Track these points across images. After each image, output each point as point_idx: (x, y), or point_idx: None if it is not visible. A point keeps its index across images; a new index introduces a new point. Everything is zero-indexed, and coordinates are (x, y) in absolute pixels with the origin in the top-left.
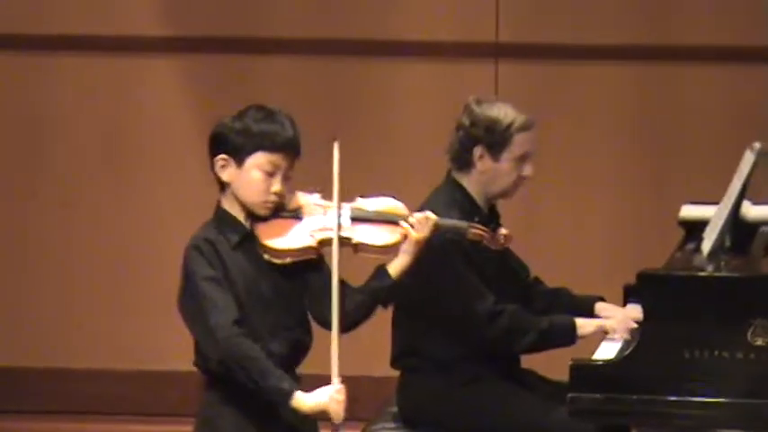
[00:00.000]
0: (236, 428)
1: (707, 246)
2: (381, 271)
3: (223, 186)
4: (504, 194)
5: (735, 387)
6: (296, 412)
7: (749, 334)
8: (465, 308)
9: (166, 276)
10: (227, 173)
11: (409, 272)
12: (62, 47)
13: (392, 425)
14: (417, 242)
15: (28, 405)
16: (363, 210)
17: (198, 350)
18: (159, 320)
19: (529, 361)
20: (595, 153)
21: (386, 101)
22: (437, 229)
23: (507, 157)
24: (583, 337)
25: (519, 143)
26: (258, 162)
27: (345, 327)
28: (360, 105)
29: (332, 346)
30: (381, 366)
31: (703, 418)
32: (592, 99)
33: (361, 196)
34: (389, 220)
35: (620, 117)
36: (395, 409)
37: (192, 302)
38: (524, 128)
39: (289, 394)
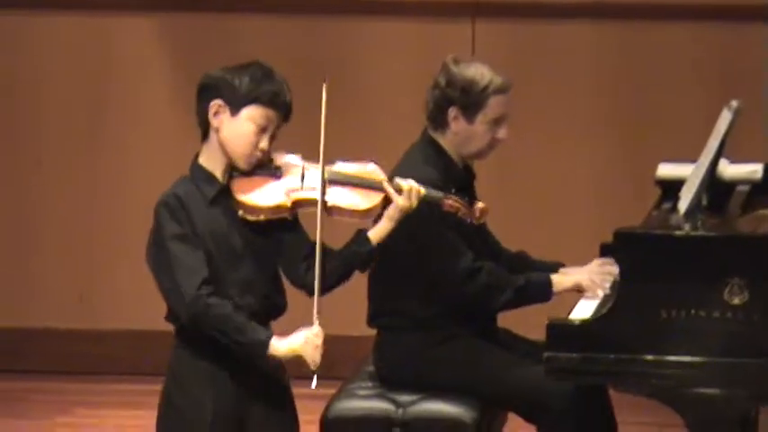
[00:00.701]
0: (206, 383)
1: (684, 205)
2: (361, 236)
3: (204, 135)
4: (478, 156)
5: (711, 346)
6: (270, 362)
7: (726, 293)
8: (443, 265)
9: (144, 233)
10: (219, 119)
11: (389, 238)
12: (39, 5)
13: (369, 383)
14: (402, 210)
15: (3, 364)
16: (340, 173)
17: (168, 305)
18: (136, 278)
19: (505, 320)
20: (573, 112)
21: (362, 59)
22: (423, 200)
23: (481, 120)
24: (559, 293)
25: (494, 106)
26: (253, 114)
27: (324, 290)
28: (336, 64)
29: (315, 286)
30: (358, 326)
31: (680, 377)
32: (570, 58)
33: (342, 160)
34: (366, 185)
35: (597, 76)
36: (371, 368)
37: (159, 260)
38: (500, 90)
39: (265, 344)
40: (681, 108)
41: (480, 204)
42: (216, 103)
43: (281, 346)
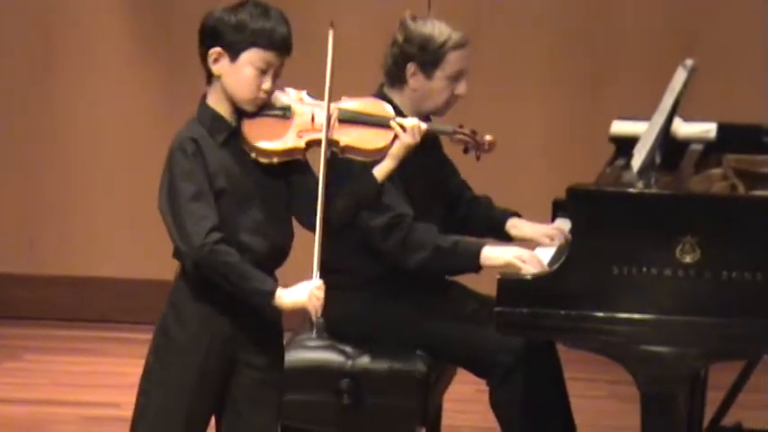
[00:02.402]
0: (205, 320)
1: (637, 162)
2: (367, 174)
3: (210, 80)
4: (437, 112)
5: (662, 304)
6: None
7: (678, 251)
8: (364, 221)
9: (93, 182)
10: (219, 66)
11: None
12: None
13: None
14: (407, 147)
15: None
16: (351, 111)
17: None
18: (87, 225)
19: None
20: (527, 68)
21: (318, 13)
22: (426, 135)
23: (440, 76)
24: (488, 267)
25: (452, 61)
26: (252, 59)
27: (332, 229)
28: (290, 17)
29: (316, 242)
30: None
31: (630, 335)
32: (524, 15)
33: (348, 96)
34: (378, 123)
35: (552, 33)
36: (321, 319)
37: (171, 203)
38: (458, 46)
39: (270, 294)
40: (636, 65)
41: (488, 137)
42: (215, 51)
43: (285, 297)
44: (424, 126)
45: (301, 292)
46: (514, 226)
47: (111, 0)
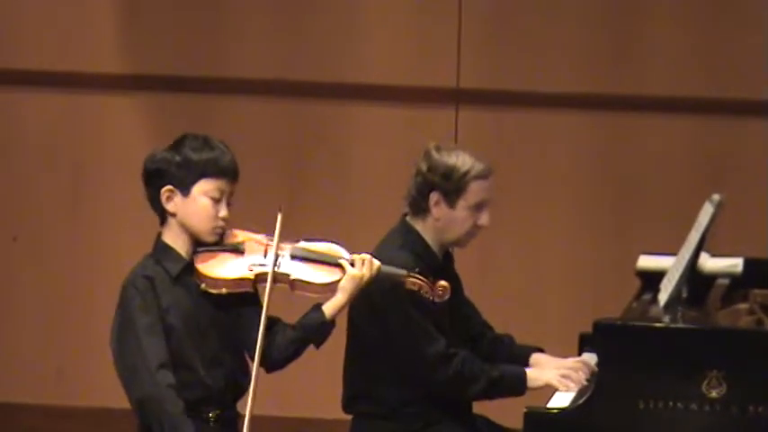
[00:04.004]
0: None
1: (663, 297)
2: (316, 309)
3: (164, 219)
4: (459, 242)
5: None
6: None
7: (704, 386)
8: (416, 351)
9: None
10: (173, 203)
11: (342, 311)
12: (23, 81)
13: None
14: (354, 279)
15: None
16: (303, 248)
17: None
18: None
19: (481, 407)
20: (554, 201)
21: (346, 145)
22: (377, 273)
23: (463, 205)
24: (532, 389)
25: (475, 191)
26: (204, 189)
27: (276, 363)
28: (319, 149)
29: (251, 388)
30: (334, 408)
31: None
32: (552, 147)
33: (306, 239)
34: (329, 261)
35: (579, 166)
36: None
37: (123, 339)
38: (481, 176)
39: None
40: (662, 199)
41: (442, 282)
42: (166, 189)
43: None
44: (376, 263)
45: None
46: (537, 362)
47: (139, 137)
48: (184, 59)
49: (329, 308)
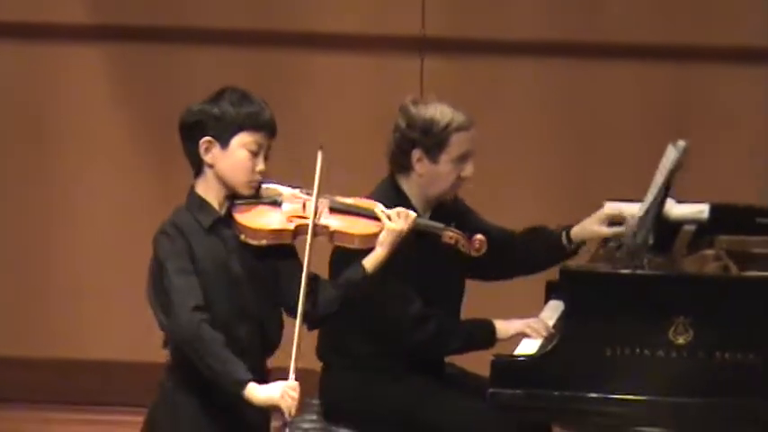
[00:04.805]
0: (192, 413)
1: (630, 242)
2: (356, 264)
3: (198, 171)
4: (443, 196)
5: (656, 385)
6: (251, 407)
7: (671, 332)
8: (393, 311)
9: (82, 266)
10: (212, 155)
11: (384, 265)
12: None
13: (314, 417)
14: (393, 233)
15: None
16: (341, 202)
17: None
18: (77, 308)
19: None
20: (520, 150)
21: (308, 95)
22: (414, 227)
23: (446, 159)
24: (502, 340)
25: (457, 143)
26: (244, 142)
27: (319, 320)
28: (284, 98)
29: (295, 339)
30: (307, 358)
31: (623, 416)
32: (518, 95)
33: (340, 195)
34: (367, 213)
35: (545, 113)
36: (316, 401)
37: (157, 287)
38: (462, 127)
39: (242, 384)
40: (628, 147)
41: (479, 236)
42: (205, 140)
43: (258, 392)
44: (413, 214)
45: (274, 390)
46: (575, 234)
47: (102, 88)
48: (146, 9)
49: (370, 263)
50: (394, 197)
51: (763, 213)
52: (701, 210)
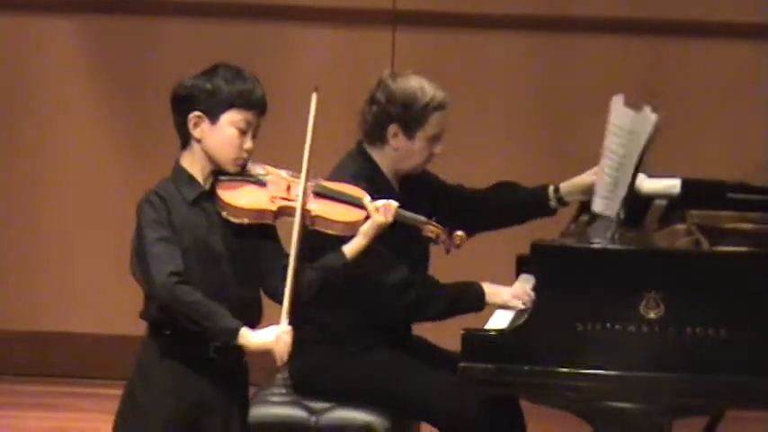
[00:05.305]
0: (170, 383)
1: (602, 211)
2: (337, 250)
3: (185, 144)
4: (414, 171)
5: (627, 359)
6: (232, 368)
7: (642, 307)
8: (377, 279)
9: (52, 238)
10: (200, 129)
11: (364, 254)
12: None
13: (282, 390)
14: (379, 226)
15: None
16: (325, 187)
17: (144, 300)
18: (48, 280)
19: (419, 329)
20: (492, 124)
21: (280, 67)
22: (396, 217)
23: (421, 137)
24: (490, 305)
25: (434, 123)
26: (233, 119)
27: (295, 301)
28: (256, 70)
29: (287, 286)
30: None
31: (594, 391)
32: (490, 68)
33: (325, 179)
34: (351, 201)
35: (517, 87)
36: (286, 375)
37: (139, 254)
38: (441, 107)
39: (235, 332)
40: (600, 121)
41: (459, 232)
42: (194, 115)
43: (252, 337)
44: (395, 205)
45: (269, 335)
46: (567, 189)
47: (76, 59)
48: None
49: (350, 250)
50: (367, 168)
51: (734, 188)
52: (672, 184)
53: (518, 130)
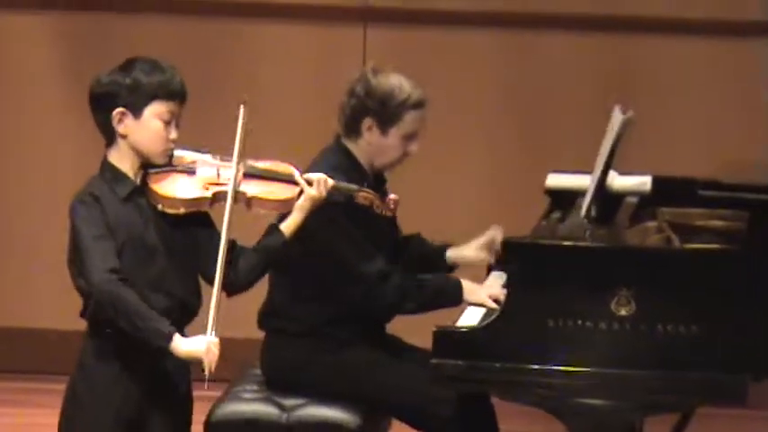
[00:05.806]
0: (113, 382)
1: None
2: (274, 229)
3: (110, 141)
4: (386, 168)
5: (598, 356)
6: (174, 366)
7: (613, 304)
8: (354, 270)
9: (25, 234)
10: (124, 125)
11: (301, 230)
12: None
13: (255, 387)
14: (313, 200)
15: None
16: (256, 167)
17: (84, 300)
18: (18, 275)
19: (390, 326)
20: (463, 121)
21: (251, 64)
22: (332, 190)
23: (395, 134)
24: (467, 301)
25: (409, 121)
26: (157, 111)
27: (240, 287)
28: (226, 66)
29: (213, 297)
30: (247, 328)
31: (565, 387)
32: (461, 66)
33: (253, 159)
34: (283, 178)
35: (488, 84)
36: (257, 371)
37: (76, 253)
38: (418, 106)
39: (167, 336)
40: (571, 118)
41: (393, 196)
42: (118, 111)
43: (183, 345)
44: (330, 182)
45: (199, 344)
46: (457, 254)
47: (49, 58)
48: None
49: (288, 228)
50: (345, 161)
51: (705, 186)
52: (643, 182)
53: (487, 126)
